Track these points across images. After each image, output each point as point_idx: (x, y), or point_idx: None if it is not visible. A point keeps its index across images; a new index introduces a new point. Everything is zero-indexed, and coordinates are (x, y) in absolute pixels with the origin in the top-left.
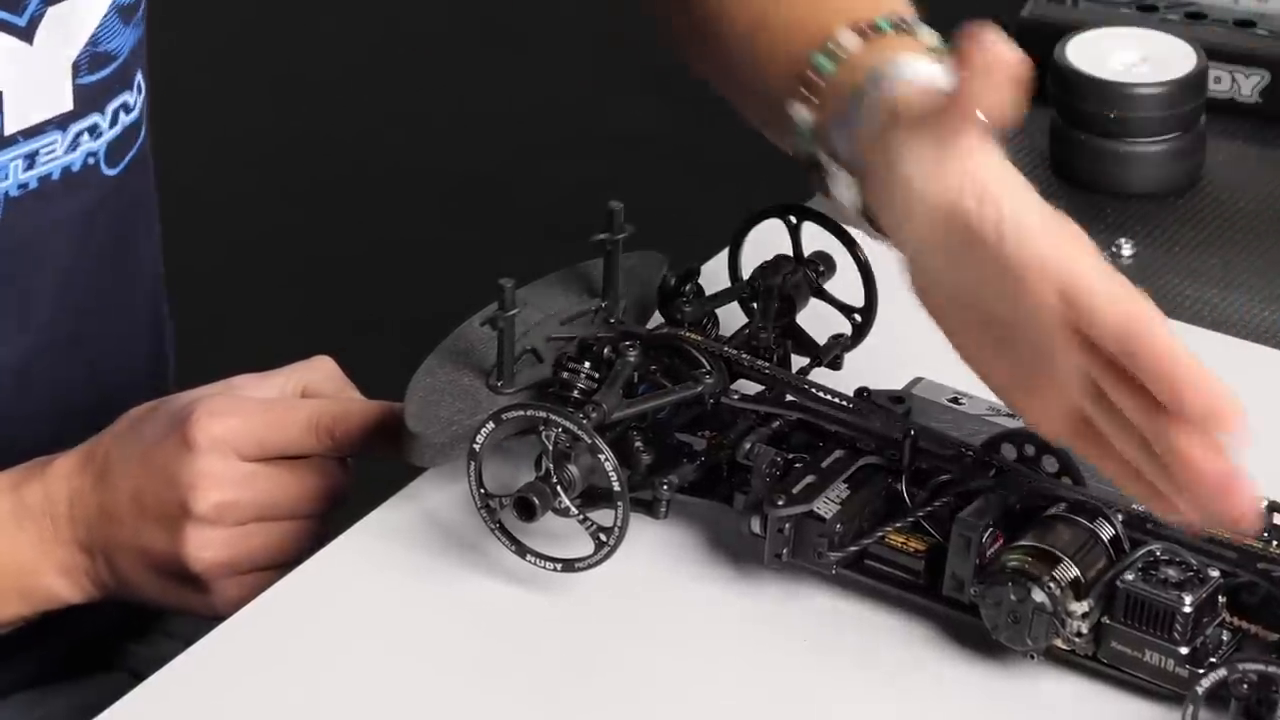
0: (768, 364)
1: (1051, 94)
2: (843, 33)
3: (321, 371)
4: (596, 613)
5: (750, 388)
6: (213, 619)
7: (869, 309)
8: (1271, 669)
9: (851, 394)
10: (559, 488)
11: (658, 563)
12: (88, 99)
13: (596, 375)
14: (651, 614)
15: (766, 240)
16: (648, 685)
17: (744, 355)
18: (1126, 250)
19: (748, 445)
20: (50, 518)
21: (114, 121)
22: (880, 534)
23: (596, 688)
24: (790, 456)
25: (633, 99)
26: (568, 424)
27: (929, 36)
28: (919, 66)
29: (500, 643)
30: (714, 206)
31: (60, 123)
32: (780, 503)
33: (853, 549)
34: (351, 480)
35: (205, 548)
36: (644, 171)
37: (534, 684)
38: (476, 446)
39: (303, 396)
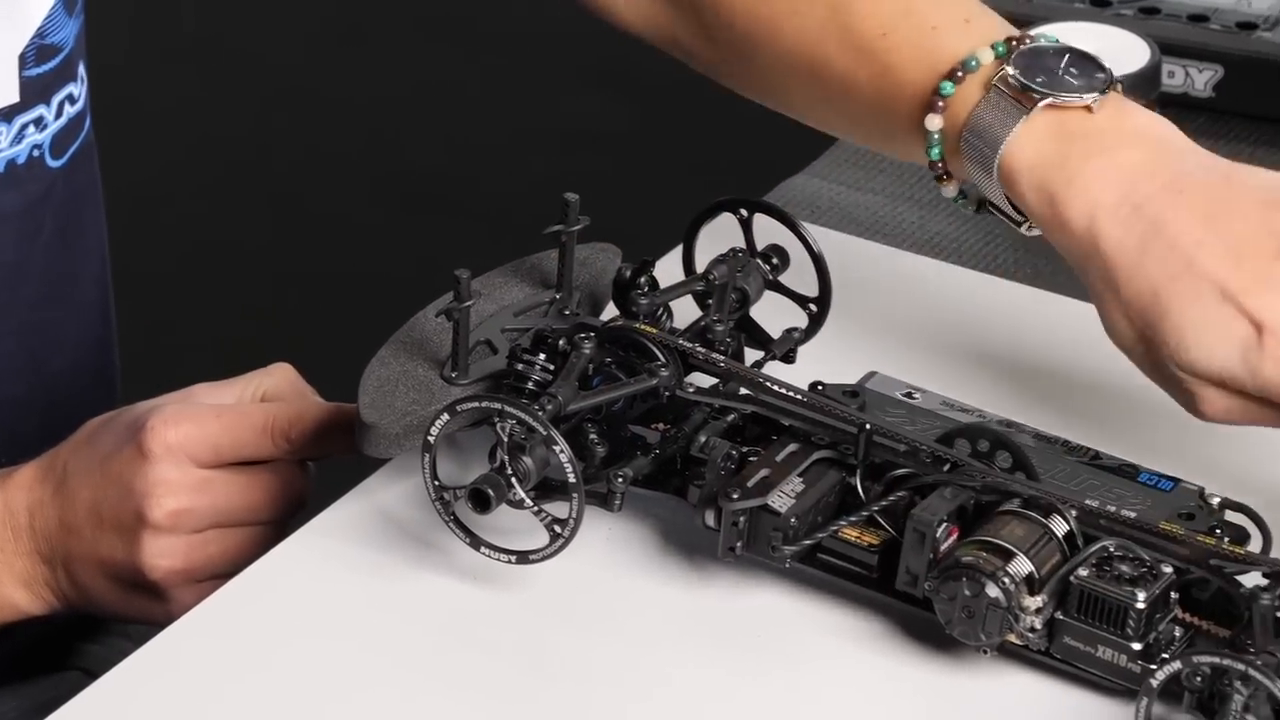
0: (722, 357)
1: None
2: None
3: (280, 377)
4: (551, 605)
5: (705, 381)
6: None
7: (823, 299)
8: (1225, 661)
9: (805, 387)
10: (514, 479)
11: (612, 555)
12: (35, 91)
13: (551, 367)
14: (605, 606)
15: (722, 234)
16: (601, 677)
17: (698, 348)
18: None
19: (702, 438)
20: (11, 529)
21: (59, 113)
22: (835, 528)
23: (550, 680)
24: (745, 450)
25: (589, 93)
26: (523, 415)
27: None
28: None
29: (455, 636)
30: (669, 201)
31: (5, 115)
32: (735, 496)
33: (807, 543)
34: (311, 484)
35: (162, 556)
36: (600, 165)
37: (488, 676)
38: (431, 438)
39: (262, 402)
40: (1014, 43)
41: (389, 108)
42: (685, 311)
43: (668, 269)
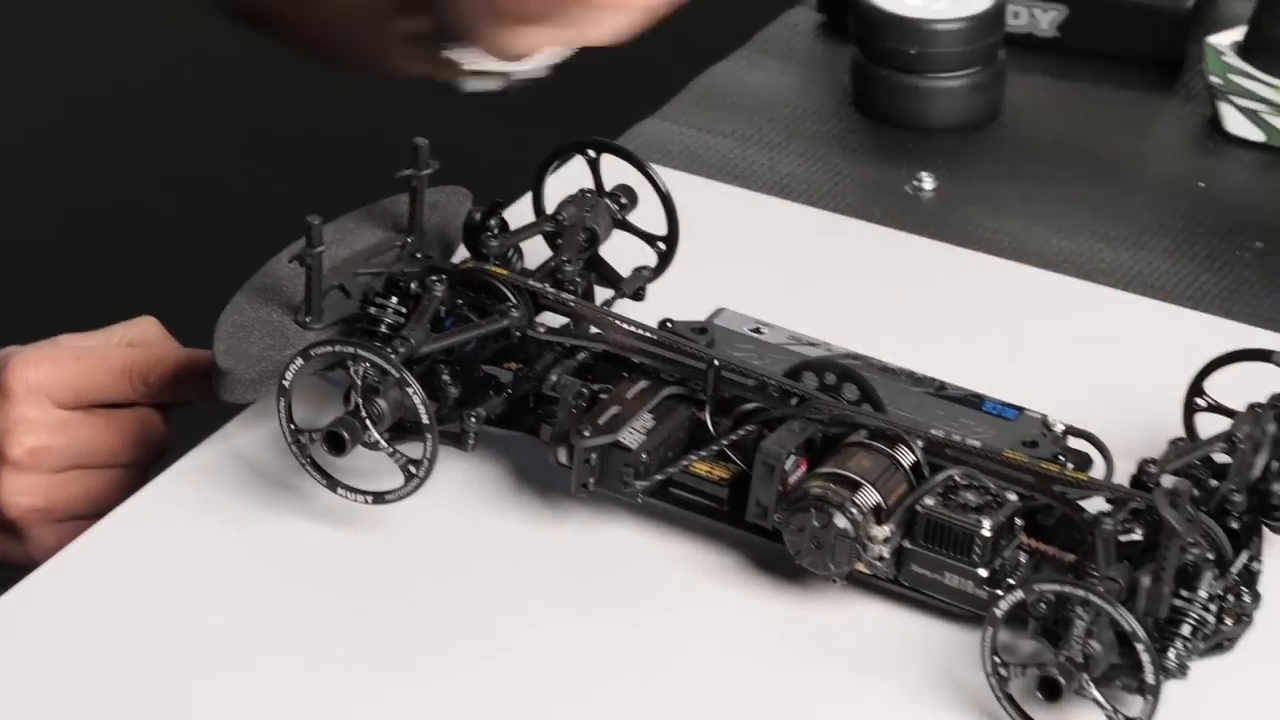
0: (572, 297)
1: (852, 31)
2: None
3: (144, 328)
4: (408, 545)
5: (556, 320)
6: (30, 569)
7: (671, 237)
8: (1067, 589)
9: (655, 325)
10: (368, 421)
11: (467, 494)
12: None
13: (404, 310)
14: (462, 544)
15: (574, 181)
16: (458, 614)
17: (548, 288)
18: (928, 184)
19: (553, 377)
20: None
21: None
22: (685, 463)
23: (408, 619)
24: (596, 388)
25: None
26: (375, 358)
27: None
28: None
29: (314, 578)
30: (521, 146)
31: None
32: (586, 433)
33: (658, 478)
34: (172, 430)
35: (21, 493)
36: (451, 111)
37: (346, 617)
38: (286, 382)
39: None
40: None
41: (236, 56)
42: (536, 253)
43: (520, 214)
